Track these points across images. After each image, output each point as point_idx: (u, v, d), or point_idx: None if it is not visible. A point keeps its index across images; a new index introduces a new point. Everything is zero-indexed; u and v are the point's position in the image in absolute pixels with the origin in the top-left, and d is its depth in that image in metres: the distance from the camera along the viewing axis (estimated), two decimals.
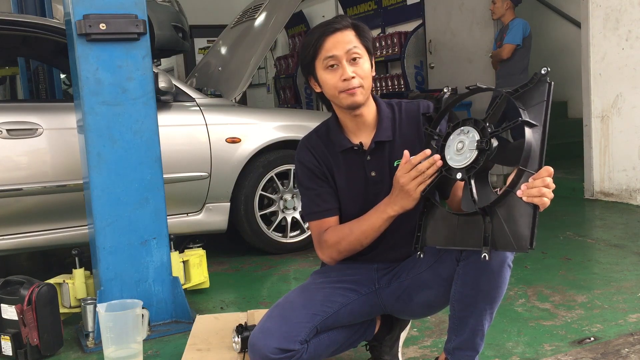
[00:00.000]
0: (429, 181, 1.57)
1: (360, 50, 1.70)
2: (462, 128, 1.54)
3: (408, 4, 7.19)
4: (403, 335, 2.05)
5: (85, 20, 2.32)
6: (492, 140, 1.48)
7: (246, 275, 3.42)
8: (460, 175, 1.52)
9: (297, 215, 3.73)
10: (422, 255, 1.65)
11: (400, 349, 2.03)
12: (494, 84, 5.36)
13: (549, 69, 1.47)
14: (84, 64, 2.36)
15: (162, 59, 10.43)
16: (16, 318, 2.25)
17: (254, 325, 1.81)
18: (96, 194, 2.41)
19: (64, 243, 3.15)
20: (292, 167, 3.66)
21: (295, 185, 3.69)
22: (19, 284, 2.32)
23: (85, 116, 2.38)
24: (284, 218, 3.72)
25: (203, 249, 3.06)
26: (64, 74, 5.69)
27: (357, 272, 1.85)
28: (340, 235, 1.76)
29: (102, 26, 2.33)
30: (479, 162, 1.49)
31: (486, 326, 1.67)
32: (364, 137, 1.80)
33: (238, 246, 3.90)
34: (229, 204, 3.55)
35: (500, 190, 1.50)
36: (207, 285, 3.05)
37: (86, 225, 2.80)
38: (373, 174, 1.79)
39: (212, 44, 5.37)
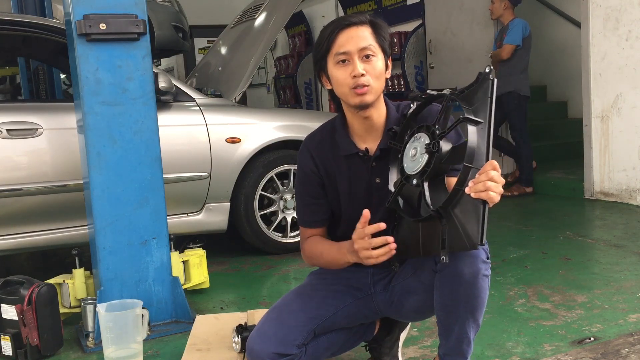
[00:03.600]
0: (380, 258, 1.55)
1: (375, 48, 1.64)
2: (415, 135, 1.56)
3: (408, 4, 7.18)
4: (403, 336, 2.05)
5: (85, 20, 2.32)
6: (442, 142, 1.49)
7: (246, 275, 3.42)
8: (416, 181, 1.53)
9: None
10: (395, 269, 1.68)
11: (400, 349, 2.03)
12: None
13: (492, 68, 1.50)
14: (84, 64, 2.36)
15: (162, 59, 10.43)
16: (16, 318, 2.25)
17: (254, 325, 1.81)
18: (96, 194, 2.41)
19: (64, 243, 3.15)
20: (292, 167, 3.66)
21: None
22: (19, 284, 2.32)
23: (85, 116, 2.38)
24: (284, 218, 3.72)
25: (203, 249, 3.06)
26: (64, 74, 5.69)
27: (354, 275, 1.84)
28: (315, 253, 1.81)
29: (102, 26, 2.33)
30: (430, 165, 1.50)
31: (471, 333, 1.65)
32: (370, 142, 1.75)
33: (238, 246, 3.90)
34: (229, 204, 3.55)
35: None
36: (207, 285, 3.05)
37: (86, 225, 2.80)
38: (378, 180, 1.74)
39: (212, 44, 5.37)
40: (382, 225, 1.54)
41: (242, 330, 2.05)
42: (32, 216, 3.07)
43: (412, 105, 1.71)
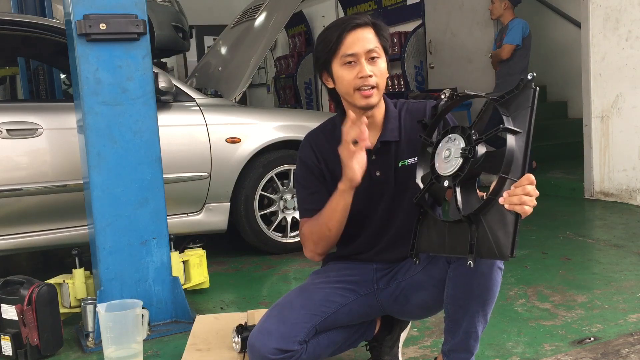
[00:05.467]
0: (360, 155, 1.61)
1: (379, 50, 1.71)
2: (449, 135, 1.56)
3: (408, 4, 7.19)
4: (403, 336, 2.05)
5: (85, 20, 2.32)
6: (478, 147, 1.48)
7: (246, 275, 3.42)
8: (447, 183, 1.53)
9: (297, 215, 3.73)
10: (417, 262, 1.67)
11: (400, 349, 2.03)
12: (494, 84, 5.36)
13: (534, 74, 1.46)
14: (84, 64, 2.36)
15: (162, 59, 10.44)
16: (16, 318, 2.25)
17: (254, 325, 1.81)
18: (96, 194, 2.41)
19: (64, 243, 3.15)
20: (292, 167, 3.66)
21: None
22: (19, 284, 2.32)
23: (85, 116, 2.38)
24: (284, 218, 3.72)
25: (203, 249, 3.06)
26: (64, 74, 5.69)
27: (357, 272, 1.85)
28: (312, 224, 1.78)
29: (102, 26, 2.33)
30: (463, 170, 1.49)
31: (480, 328, 1.67)
32: (370, 137, 1.76)
33: (238, 246, 3.90)
34: (229, 204, 3.54)
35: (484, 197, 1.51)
36: (207, 285, 3.05)
37: (86, 225, 2.80)
38: (378, 173, 1.78)
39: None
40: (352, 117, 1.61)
41: (242, 330, 2.05)
42: (32, 216, 3.06)
43: (443, 98, 1.70)
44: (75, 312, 2.64)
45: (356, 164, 1.62)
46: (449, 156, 1.54)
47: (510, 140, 1.44)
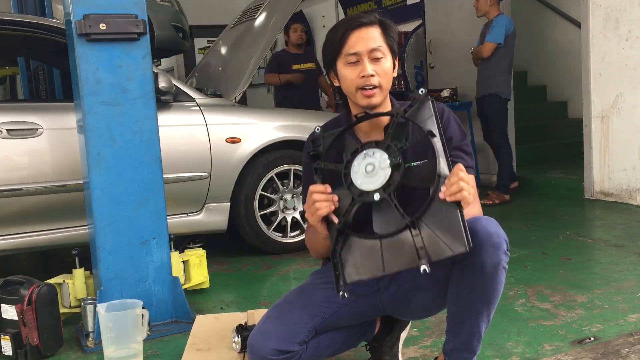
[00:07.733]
0: (321, 211, 1.55)
1: (384, 49, 1.69)
2: (365, 152, 1.53)
3: (408, 4, 7.18)
4: (403, 336, 2.05)
5: (85, 20, 2.32)
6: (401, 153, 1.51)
7: (246, 275, 3.42)
8: (379, 196, 1.48)
9: (297, 215, 3.73)
10: (346, 295, 1.52)
11: (400, 349, 2.03)
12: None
13: (424, 91, 1.56)
14: (84, 64, 2.36)
15: (162, 59, 10.42)
16: (16, 318, 2.25)
17: (254, 325, 1.81)
18: (96, 194, 2.41)
19: (64, 243, 3.15)
20: (292, 167, 3.66)
21: (295, 185, 3.70)
22: (19, 284, 2.32)
23: (85, 116, 2.38)
24: (284, 218, 3.72)
25: (203, 249, 3.07)
26: (64, 74, 5.68)
27: None
28: (308, 237, 1.84)
29: (102, 26, 2.33)
30: (395, 178, 1.48)
31: (483, 328, 1.67)
32: (374, 137, 1.75)
33: (238, 246, 3.90)
34: (229, 204, 3.55)
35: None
36: (207, 285, 3.05)
37: (86, 225, 2.80)
38: None
39: (212, 44, 5.37)
40: (328, 187, 1.57)
41: (242, 330, 2.05)
42: (32, 216, 3.06)
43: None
44: (75, 312, 2.64)
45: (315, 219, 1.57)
46: (373, 169, 1.50)
47: (435, 141, 1.49)
